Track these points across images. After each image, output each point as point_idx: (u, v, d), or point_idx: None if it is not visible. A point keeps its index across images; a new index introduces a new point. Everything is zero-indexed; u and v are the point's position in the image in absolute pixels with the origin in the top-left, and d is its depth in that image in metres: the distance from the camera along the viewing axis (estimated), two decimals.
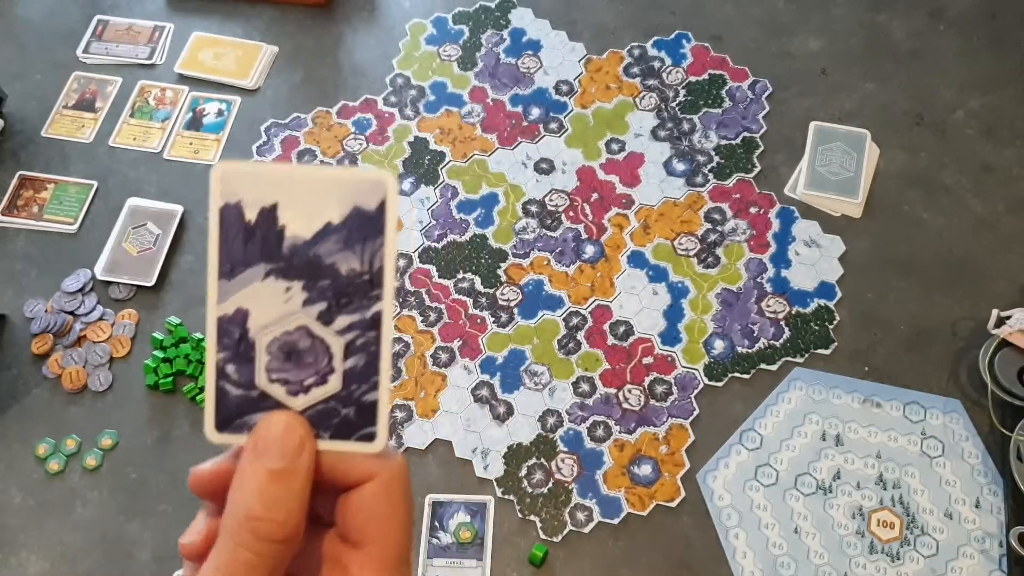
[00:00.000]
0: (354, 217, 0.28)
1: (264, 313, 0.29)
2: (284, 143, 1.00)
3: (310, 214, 0.28)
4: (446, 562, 0.77)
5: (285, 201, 0.28)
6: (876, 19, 1.05)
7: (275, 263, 0.28)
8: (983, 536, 0.76)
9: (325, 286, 0.29)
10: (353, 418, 0.29)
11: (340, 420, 0.29)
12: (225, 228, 0.28)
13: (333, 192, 0.28)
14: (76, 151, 1.00)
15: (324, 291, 0.29)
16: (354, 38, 1.07)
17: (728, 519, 0.78)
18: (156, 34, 1.08)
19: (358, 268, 0.28)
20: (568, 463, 0.81)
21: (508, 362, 0.86)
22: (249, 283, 0.29)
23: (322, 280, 0.29)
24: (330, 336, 0.29)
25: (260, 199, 0.28)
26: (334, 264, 0.29)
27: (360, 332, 0.29)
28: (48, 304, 0.91)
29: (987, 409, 0.81)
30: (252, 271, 0.28)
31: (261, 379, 0.29)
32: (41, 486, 0.82)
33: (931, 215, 0.93)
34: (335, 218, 0.28)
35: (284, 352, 0.29)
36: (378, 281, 0.29)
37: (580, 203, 0.95)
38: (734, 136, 0.98)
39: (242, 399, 0.29)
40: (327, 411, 0.29)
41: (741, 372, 0.85)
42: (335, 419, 0.29)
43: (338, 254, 0.28)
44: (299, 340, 0.29)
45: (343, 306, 0.29)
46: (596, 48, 1.05)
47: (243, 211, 0.28)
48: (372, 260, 0.28)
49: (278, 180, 0.28)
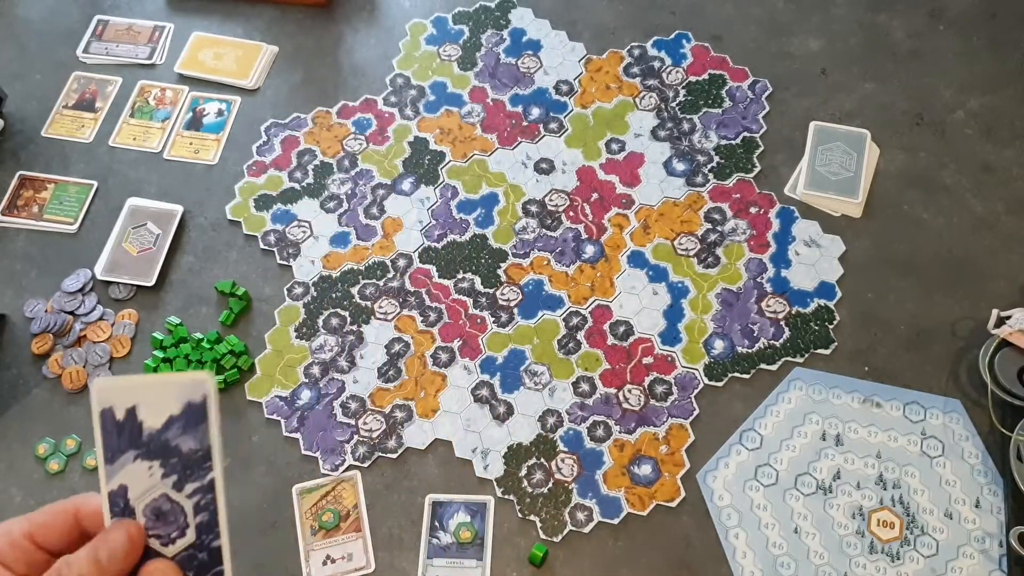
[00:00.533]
0: (187, 409, 0.39)
1: (137, 486, 0.39)
2: (284, 143, 1.00)
3: (159, 410, 0.39)
4: (446, 562, 0.77)
5: (142, 402, 0.39)
6: (876, 19, 1.05)
7: (139, 448, 0.39)
8: (983, 536, 0.77)
9: (175, 462, 0.40)
10: (206, 560, 0.40)
11: (198, 563, 0.40)
12: (104, 427, 0.39)
13: (172, 392, 0.39)
14: (76, 151, 1.00)
15: (175, 466, 0.40)
16: (354, 38, 1.08)
17: (728, 519, 0.78)
18: (156, 34, 1.08)
19: (195, 447, 0.40)
20: (568, 463, 0.81)
21: (508, 362, 0.86)
22: (124, 465, 0.39)
23: (172, 458, 0.40)
24: (183, 499, 0.40)
25: (125, 403, 0.39)
26: (178, 445, 0.40)
27: (202, 495, 0.40)
28: (48, 304, 0.91)
29: (987, 409, 0.81)
30: (125, 456, 0.39)
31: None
32: (41, 486, 0.82)
33: (931, 215, 0.93)
34: (175, 411, 0.39)
35: (154, 514, 0.40)
36: (208, 455, 0.40)
37: (580, 203, 0.95)
38: (734, 136, 0.98)
39: None
40: (189, 556, 0.40)
41: (741, 372, 0.85)
42: (195, 562, 0.40)
43: (180, 437, 0.39)
44: (163, 504, 0.40)
45: (188, 476, 0.40)
46: (596, 48, 1.05)
47: (115, 413, 0.39)
48: (203, 439, 0.40)
49: (135, 387, 0.39)
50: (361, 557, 0.78)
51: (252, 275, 0.92)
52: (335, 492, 0.81)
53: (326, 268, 0.92)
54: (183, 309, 0.91)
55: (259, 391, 0.86)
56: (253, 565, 0.78)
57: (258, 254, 0.94)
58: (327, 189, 0.97)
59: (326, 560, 0.78)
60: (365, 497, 0.80)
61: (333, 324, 0.89)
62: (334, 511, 0.80)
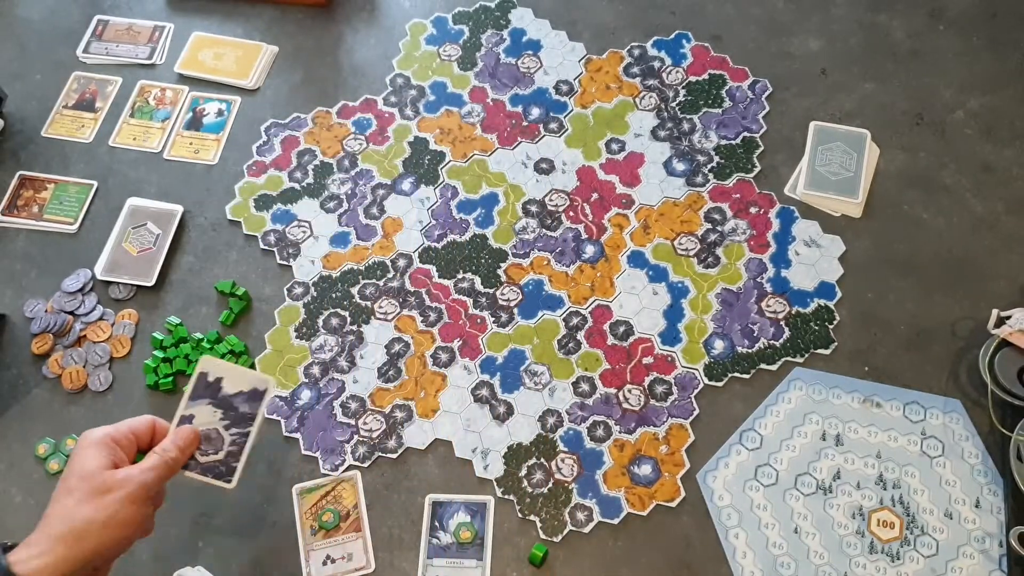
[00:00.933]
0: (252, 391, 0.69)
1: (201, 418, 0.68)
2: (284, 143, 1.00)
3: (235, 385, 0.69)
4: (446, 562, 0.77)
5: (227, 376, 0.69)
6: (876, 19, 1.05)
7: (214, 399, 0.69)
8: (983, 536, 0.77)
9: (232, 414, 0.69)
10: (223, 472, 0.68)
11: (217, 470, 0.68)
12: (198, 381, 0.69)
13: (248, 378, 0.69)
14: (76, 151, 1.00)
15: (230, 416, 0.69)
16: (354, 38, 1.08)
17: (728, 519, 0.78)
18: (156, 34, 1.08)
19: (247, 411, 0.69)
20: (568, 463, 0.81)
21: (508, 362, 0.86)
22: (199, 405, 0.69)
23: (231, 411, 0.69)
24: (226, 435, 0.68)
25: (216, 374, 0.69)
26: (238, 407, 0.69)
27: (239, 437, 0.69)
28: (48, 304, 0.91)
29: (987, 409, 0.81)
30: (203, 400, 0.69)
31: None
32: (41, 486, 0.82)
33: (931, 215, 0.93)
34: (245, 388, 0.69)
35: (205, 436, 0.68)
36: (253, 419, 0.69)
37: (580, 203, 0.95)
38: (734, 136, 0.98)
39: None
40: (213, 464, 0.68)
41: (741, 372, 0.85)
42: (216, 469, 0.68)
43: (241, 403, 0.69)
44: (212, 433, 0.68)
45: (235, 423, 0.69)
46: (596, 48, 1.05)
47: (207, 377, 0.69)
48: (254, 409, 0.69)
49: (227, 368, 0.69)
50: (361, 557, 0.78)
51: (252, 275, 0.92)
52: (335, 492, 0.81)
53: (326, 268, 0.92)
54: (183, 309, 0.91)
55: None
56: (253, 565, 0.78)
57: (258, 254, 0.94)
58: (327, 189, 0.97)
59: (326, 560, 0.78)
60: (365, 497, 0.80)
61: (333, 324, 0.89)
62: (334, 511, 0.80)
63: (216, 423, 0.68)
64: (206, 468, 0.68)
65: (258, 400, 0.68)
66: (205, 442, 0.68)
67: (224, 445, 0.68)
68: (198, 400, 0.68)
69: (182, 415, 0.68)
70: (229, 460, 0.68)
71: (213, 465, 0.68)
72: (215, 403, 0.68)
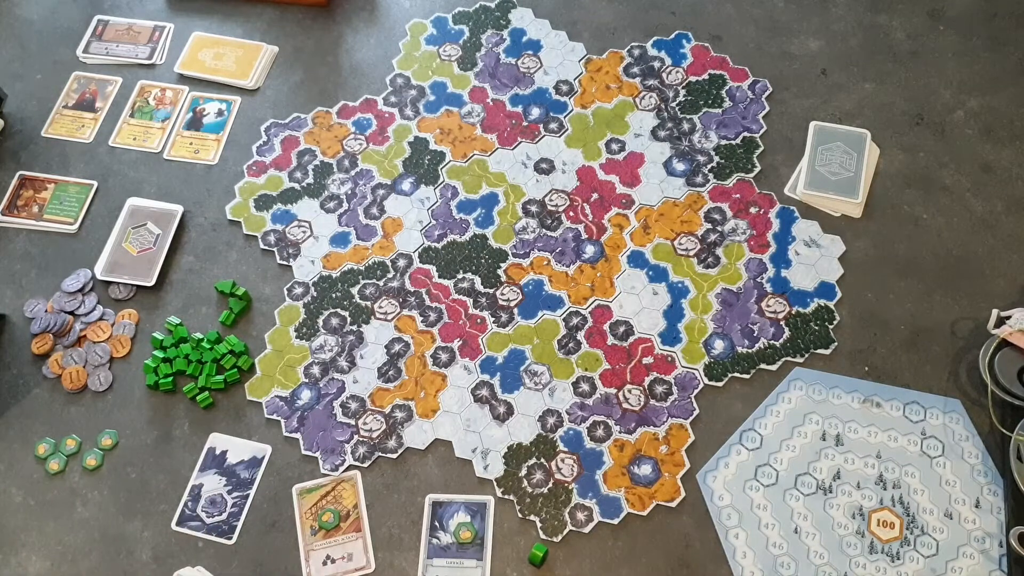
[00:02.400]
0: (251, 459, 0.81)
1: (208, 485, 0.80)
2: (284, 143, 1.00)
3: (238, 455, 0.81)
4: (446, 562, 0.77)
5: (231, 449, 0.81)
6: (876, 19, 1.05)
7: (219, 468, 0.81)
8: (983, 536, 0.77)
9: (234, 480, 0.80)
10: (225, 530, 0.78)
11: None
12: (207, 455, 0.81)
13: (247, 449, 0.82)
14: (76, 151, 1.00)
15: (232, 482, 0.80)
16: (354, 38, 1.08)
17: (728, 519, 0.78)
18: (156, 34, 1.08)
19: (247, 477, 0.80)
20: (568, 463, 0.81)
21: (508, 362, 0.86)
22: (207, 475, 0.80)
23: (232, 478, 0.80)
24: (229, 499, 0.78)
25: (222, 447, 0.82)
26: (239, 474, 0.80)
27: (239, 500, 0.79)
28: (48, 304, 0.91)
29: (987, 409, 0.81)
30: (211, 471, 0.81)
31: None
32: (41, 486, 0.82)
33: (931, 215, 0.93)
34: (245, 458, 0.81)
35: (210, 501, 0.79)
36: (251, 483, 0.80)
37: (580, 203, 0.95)
38: (734, 136, 0.98)
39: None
40: (218, 524, 0.79)
41: (741, 372, 0.85)
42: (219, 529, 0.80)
43: (242, 471, 0.80)
44: (216, 498, 0.79)
45: (236, 488, 0.79)
46: (596, 48, 1.05)
47: (215, 451, 0.82)
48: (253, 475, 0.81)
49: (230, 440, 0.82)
50: (361, 557, 0.78)
51: (252, 275, 0.92)
52: (335, 492, 0.81)
53: (326, 268, 0.92)
54: (183, 309, 0.91)
55: (259, 391, 0.86)
56: (253, 565, 0.78)
57: (258, 254, 0.94)
58: (327, 189, 0.97)
59: (326, 560, 0.78)
60: (365, 497, 0.80)
61: (333, 324, 0.89)
62: (334, 511, 0.80)
63: (221, 489, 0.80)
64: (211, 527, 0.79)
65: (256, 467, 0.81)
66: (209, 506, 0.80)
67: (227, 507, 0.79)
68: (207, 470, 0.81)
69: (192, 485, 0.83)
70: (229, 519, 0.79)
71: (217, 524, 0.79)
72: (219, 472, 0.81)
